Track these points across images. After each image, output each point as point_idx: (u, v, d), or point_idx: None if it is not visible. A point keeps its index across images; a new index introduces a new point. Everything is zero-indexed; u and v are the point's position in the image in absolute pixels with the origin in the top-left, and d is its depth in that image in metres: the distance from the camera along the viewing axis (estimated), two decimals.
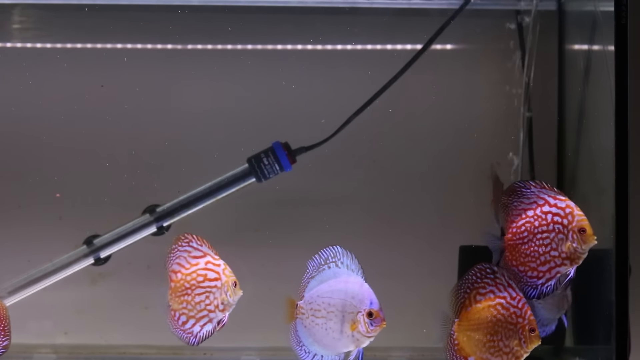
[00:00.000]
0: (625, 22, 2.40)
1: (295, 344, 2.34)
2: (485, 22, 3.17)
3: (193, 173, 3.01)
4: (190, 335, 2.38)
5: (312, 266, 2.36)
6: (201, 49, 3.18)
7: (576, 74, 2.98)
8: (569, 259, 2.30)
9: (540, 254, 2.32)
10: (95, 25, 3.12)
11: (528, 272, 2.34)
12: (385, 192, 3.13)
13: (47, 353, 3.06)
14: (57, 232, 3.05)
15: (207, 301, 2.36)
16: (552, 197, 2.32)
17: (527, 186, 2.35)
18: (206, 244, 2.40)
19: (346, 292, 2.28)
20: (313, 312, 2.30)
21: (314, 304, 2.30)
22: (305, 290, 2.35)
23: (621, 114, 2.40)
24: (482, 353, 2.33)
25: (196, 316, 2.37)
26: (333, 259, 2.34)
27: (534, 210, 2.34)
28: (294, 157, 2.86)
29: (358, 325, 2.25)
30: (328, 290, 2.30)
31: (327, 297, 2.29)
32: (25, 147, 3.12)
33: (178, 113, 3.14)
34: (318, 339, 2.31)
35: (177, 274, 2.39)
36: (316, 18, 3.16)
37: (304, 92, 3.15)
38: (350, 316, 2.26)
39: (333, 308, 2.28)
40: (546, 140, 3.13)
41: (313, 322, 2.30)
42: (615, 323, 2.39)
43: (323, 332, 2.29)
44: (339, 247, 2.34)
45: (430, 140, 3.15)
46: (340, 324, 2.27)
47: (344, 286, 2.29)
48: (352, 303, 2.27)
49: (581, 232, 2.28)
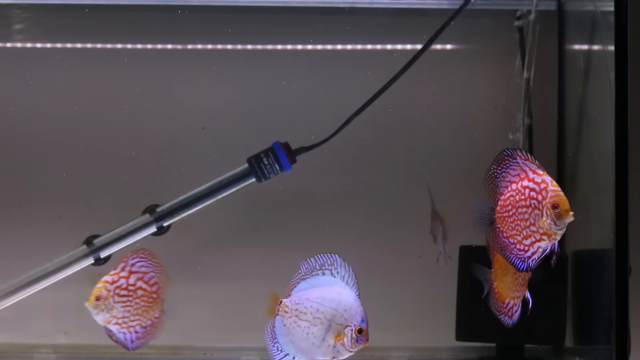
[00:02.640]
0: (625, 22, 2.40)
1: (269, 339, 2.33)
2: (485, 22, 3.17)
3: (193, 173, 3.01)
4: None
5: (306, 268, 2.34)
6: (201, 49, 3.18)
7: (576, 74, 2.98)
8: (546, 235, 2.27)
9: (522, 228, 2.29)
10: (95, 25, 3.12)
11: (517, 245, 2.33)
12: (385, 192, 3.13)
13: (47, 353, 3.06)
14: (57, 232, 3.05)
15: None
16: (531, 171, 2.29)
17: (514, 155, 2.32)
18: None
19: (339, 303, 2.26)
20: (297, 314, 2.28)
21: (300, 305, 2.28)
22: (293, 290, 2.33)
23: (621, 114, 2.40)
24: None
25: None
26: (329, 267, 2.32)
27: (516, 183, 2.32)
28: (294, 157, 2.85)
29: (344, 338, 2.24)
30: (320, 296, 2.28)
31: (317, 302, 2.27)
32: (25, 147, 3.12)
33: (178, 113, 3.14)
34: (295, 341, 2.29)
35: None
36: (316, 18, 3.16)
37: (304, 92, 3.15)
38: (337, 327, 2.25)
39: (321, 315, 2.26)
40: (546, 140, 3.13)
41: (295, 322, 2.28)
42: (615, 323, 2.39)
43: (303, 336, 2.27)
44: (338, 256, 2.32)
45: (430, 140, 3.15)
46: (324, 332, 2.25)
47: (338, 297, 2.27)
48: (344, 315, 2.25)
49: (554, 208, 2.24)
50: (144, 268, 2.55)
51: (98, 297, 2.47)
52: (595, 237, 2.70)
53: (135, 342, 2.53)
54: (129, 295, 2.50)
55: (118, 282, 2.49)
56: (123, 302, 2.49)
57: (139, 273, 2.53)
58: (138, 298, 2.52)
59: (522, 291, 2.46)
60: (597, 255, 2.59)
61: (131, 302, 2.50)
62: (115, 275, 2.50)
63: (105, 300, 2.47)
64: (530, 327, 2.80)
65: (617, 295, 2.38)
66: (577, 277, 2.84)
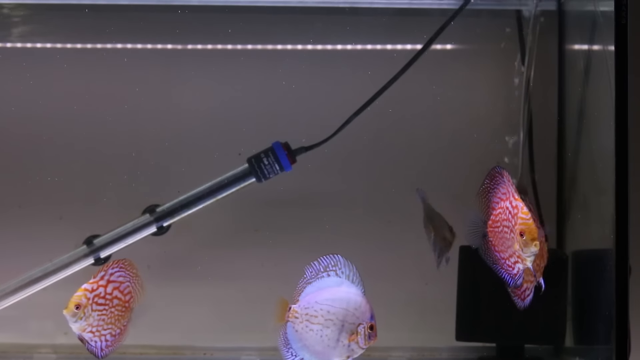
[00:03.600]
0: (625, 22, 2.40)
1: (282, 345, 2.33)
2: (485, 22, 3.17)
3: (193, 173, 3.02)
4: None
5: (311, 272, 2.35)
6: (201, 49, 3.18)
7: (576, 74, 2.98)
8: (520, 258, 2.29)
9: (507, 247, 2.32)
10: (95, 25, 3.12)
11: (505, 261, 2.35)
12: (385, 193, 3.13)
13: (47, 353, 3.06)
14: (57, 232, 3.05)
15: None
16: (512, 194, 2.31)
17: (503, 174, 2.35)
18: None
19: (348, 302, 2.28)
20: (308, 318, 2.29)
21: (310, 309, 2.29)
22: (301, 295, 2.34)
23: (621, 114, 2.39)
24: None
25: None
26: (333, 267, 2.33)
27: (504, 202, 2.34)
28: (294, 157, 2.85)
29: (357, 337, 2.26)
30: (328, 298, 2.29)
31: (327, 304, 2.28)
32: (25, 147, 3.12)
33: (178, 113, 3.14)
34: (309, 345, 2.30)
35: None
36: (316, 18, 3.16)
37: (304, 92, 3.15)
38: (350, 327, 2.27)
39: (333, 316, 2.27)
40: (546, 140, 3.13)
41: (307, 327, 2.29)
42: (615, 323, 2.39)
43: (317, 339, 2.28)
44: (340, 256, 2.34)
45: (430, 140, 3.15)
46: (338, 333, 2.27)
47: (346, 296, 2.29)
48: (355, 314, 2.27)
49: (521, 235, 2.26)
50: (121, 278, 2.56)
51: (78, 305, 2.47)
52: (595, 237, 2.70)
53: (105, 350, 2.54)
54: (106, 304, 2.51)
55: (97, 291, 2.50)
56: (99, 311, 2.50)
57: (116, 282, 2.54)
58: (113, 307, 2.53)
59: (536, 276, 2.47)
60: (597, 255, 2.59)
61: (107, 311, 2.51)
62: (95, 283, 2.51)
63: (85, 309, 2.47)
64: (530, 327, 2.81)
65: (617, 295, 2.38)
66: (577, 277, 2.84)
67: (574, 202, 3.02)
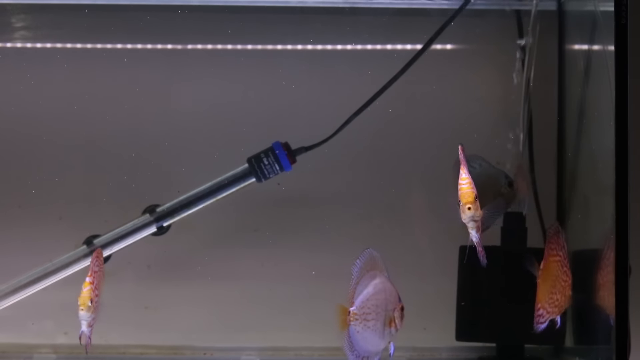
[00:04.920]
0: (625, 22, 2.40)
1: (347, 349, 2.38)
2: (485, 22, 3.17)
3: (193, 173, 3.02)
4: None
5: (356, 272, 2.40)
6: (201, 49, 3.18)
7: (576, 74, 2.98)
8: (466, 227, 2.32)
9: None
10: (95, 25, 3.12)
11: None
12: (385, 192, 3.13)
13: (47, 353, 3.06)
14: (57, 232, 3.05)
15: None
16: (460, 167, 2.33)
17: (459, 149, 2.36)
18: None
19: (385, 292, 2.37)
20: (365, 316, 2.35)
21: (365, 308, 2.35)
22: (354, 296, 2.39)
23: (621, 114, 2.39)
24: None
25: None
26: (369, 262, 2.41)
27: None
28: (294, 157, 2.86)
29: (396, 321, 2.37)
30: (373, 292, 2.36)
31: (374, 299, 2.36)
32: (25, 147, 3.12)
33: (178, 113, 3.14)
34: (368, 341, 2.36)
35: None
36: (316, 18, 3.16)
37: (304, 92, 3.15)
38: (389, 313, 2.36)
39: (379, 309, 2.35)
40: (546, 140, 3.13)
41: (365, 325, 2.35)
42: (615, 323, 2.39)
43: (373, 334, 2.35)
44: (370, 249, 2.40)
45: (431, 140, 3.15)
46: (383, 322, 2.36)
47: (382, 286, 2.37)
48: (389, 300, 2.37)
49: (459, 202, 2.29)
50: (97, 267, 2.54)
51: (91, 300, 2.46)
52: (595, 237, 2.70)
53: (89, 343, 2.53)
54: (97, 296, 2.50)
55: (94, 284, 2.49)
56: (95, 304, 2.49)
57: (98, 273, 2.53)
58: (97, 297, 2.51)
59: (556, 309, 2.54)
60: (597, 255, 2.58)
61: (97, 302, 2.50)
62: (91, 277, 2.50)
63: (94, 303, 2.47)
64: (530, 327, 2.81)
65: (617, 295, 2.38)
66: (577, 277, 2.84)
67: (574, 202, 3.02)
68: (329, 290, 3.08)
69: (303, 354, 3.08)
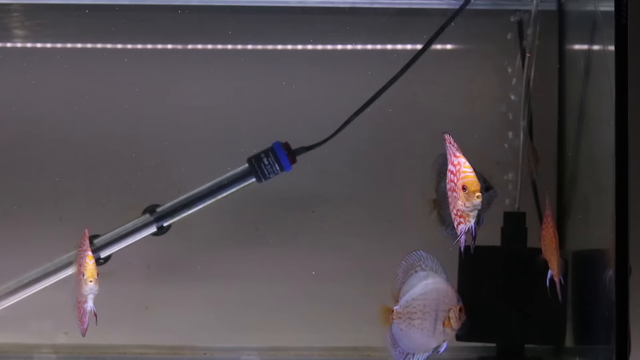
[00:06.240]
0: (625, 22, 2.40)
1: (390, 346, 2.48)
2: (485, 22, 3.17)
3: (193, 173, 3.02)
4: None
5: (402, 272, 2.50)
6: (201, 49, 3.18)
7: (576, 74, 2.98)
8: (462, 217, 2.26)
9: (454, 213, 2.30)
10: (95, 25, 3.12)
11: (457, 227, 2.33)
12: (385, 193, 3.13)
13: (47, 353, 3.06)
14: (57, 232, 3.05)
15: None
16: (453, 154, 2.29)
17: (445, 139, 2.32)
18: None
19: (438, 292, 2.44)
20: (409, 315, 2.44)
21: (410, 307, 2.44)
22: (399, 295, 2.48)
23: (621, 114, 2.39)
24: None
25: None
26: (418, 263, 2.49)
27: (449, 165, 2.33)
28: (294, 157, 2.86)
29: (451, 321, 2.42)
30: (421, 292, 2.44)
31: (422, 299, 2.43)
32: (25, 147, 3.12)
33: (178, 113, 3.14)
34: (413, 339, 2.44)
35: None
36: (316, 18, 3.16)
37: (304, 92, 3.15)
38: (443, 314, 2.42)
39: (428, 309, 2.42)
40: (546, 140, 3.13)
41: (409, 324, 2.43)
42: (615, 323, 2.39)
43: (419, 333, 2.43)
44: (422, 251, 2.49)
45: (430, 140, 3.14)
46: (434, 322, 2.42)
47: (435, 287, 2.44)
48: (444, 301, 2.43)
49: (463, 189, 2.22)
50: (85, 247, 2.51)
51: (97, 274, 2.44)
52: (595, 237, 2.70)
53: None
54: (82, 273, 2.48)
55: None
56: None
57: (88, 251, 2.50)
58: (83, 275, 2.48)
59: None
60: (597, 255, 2.59)
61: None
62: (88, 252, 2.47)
63: None
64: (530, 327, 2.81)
65: (617, 295, 2.38)
66: (577, 277, 2.84)
67: (574, 202, 3.02)
68: (329, 290, 3.10)
69: (303, 354, 3.08)
